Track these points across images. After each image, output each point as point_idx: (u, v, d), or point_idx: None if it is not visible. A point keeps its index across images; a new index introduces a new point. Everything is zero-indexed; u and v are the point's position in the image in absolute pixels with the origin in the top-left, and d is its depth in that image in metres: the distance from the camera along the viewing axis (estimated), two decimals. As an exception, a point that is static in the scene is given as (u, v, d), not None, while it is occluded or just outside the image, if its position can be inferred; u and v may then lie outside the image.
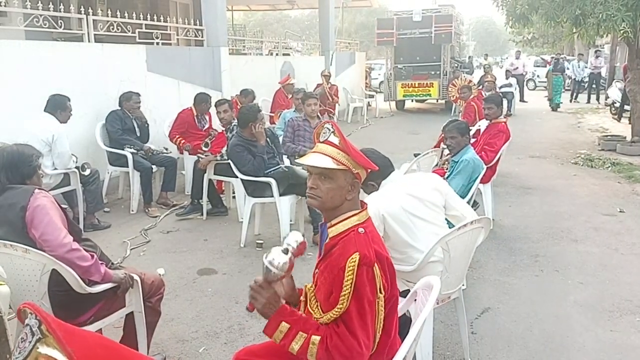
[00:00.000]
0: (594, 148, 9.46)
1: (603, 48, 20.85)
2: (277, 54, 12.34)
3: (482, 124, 6.00)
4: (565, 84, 17.70)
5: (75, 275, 2.44)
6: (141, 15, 7.19)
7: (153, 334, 2.91)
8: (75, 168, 5.05)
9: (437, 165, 5.14)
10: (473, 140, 5.23)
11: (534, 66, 24.37)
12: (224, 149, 5.27)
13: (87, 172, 5.13)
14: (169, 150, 6.21)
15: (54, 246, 2.43)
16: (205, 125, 6.42)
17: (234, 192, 5.75)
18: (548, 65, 20.09)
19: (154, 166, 5.84)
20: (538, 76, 23.38)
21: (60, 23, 5.95)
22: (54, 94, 5.07)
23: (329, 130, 1.85)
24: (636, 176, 7.24)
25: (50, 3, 5.75)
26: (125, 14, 6.78)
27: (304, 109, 5.89)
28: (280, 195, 4.67)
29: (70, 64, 5.90)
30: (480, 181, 4.28)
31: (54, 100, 5.00)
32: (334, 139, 1.83)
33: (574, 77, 18.56)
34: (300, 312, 1.91)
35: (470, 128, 5.19)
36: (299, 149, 5.61)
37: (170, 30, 7.84)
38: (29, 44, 5.60)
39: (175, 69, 7.65)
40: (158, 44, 7.48)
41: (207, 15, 8.44)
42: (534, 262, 4.42)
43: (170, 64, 7.56)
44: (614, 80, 15.15)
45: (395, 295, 1.87)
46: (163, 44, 7.60)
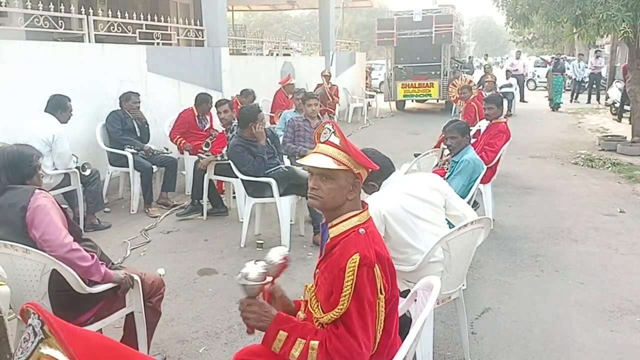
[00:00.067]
0: (594, 148, 9.45)
1: (603, 48, 20.85)
2: (278, 54, 12.34)
3: (483, 124, 6.00)
4: (565, 84, 17.68)
5: (75, 275, 2.44)
6: (141, 16, 7.19)
7: (153, 334, 2.91)
8: (75, 168, 5.05)
9: (438, 165, 5.14)
10: (473, 140, 5.22)
11: (534, 66, 24.35)
12: (225, 149, 5.27)
13: (88, 172, 5.13)
14: (169, 151, 6.22)
15: (55, 246, 2.43)
16: (206, 126, 6.43)
17: (234, 193, 5.76)
18: (548, 65, 20.07)
19: (154, 166, 5.84)
20: (538, 76, 23.36)
21: (61, 23, 5.96)
22: (55, 94, 5.07)
23: (330, 130, 1.85)
24: (636, 176, 7.24)
25: (51, 3, 5.74)
26: (126, 14, 6.79)
27: (305, 109, 5.89)
28: (281, 195, 4.66)
29: (70, 64, 5.90)
30: (481, 181, 4.28)
31: (54, 101, 5.01)
32: (334, 139, 1.83)
33: (574, 77, 18.56)
34: (299, 317, 1.91)
35: (471, 128, 5.20)
36: (299, 149, 5.61)
37: (170, 30, 7.84)
38: (29, 44, 5.60)
39: (176, 69, 7.65)
40: (158, 44, 7.48)
41: (208, 15, 8.44)
42: (534, 262, 4.42)
43: (170, 64, 7.56)
44: (614, 81, 15.14)
45: (396, 295, 1.87)
46: (163, 44, 7.60)
